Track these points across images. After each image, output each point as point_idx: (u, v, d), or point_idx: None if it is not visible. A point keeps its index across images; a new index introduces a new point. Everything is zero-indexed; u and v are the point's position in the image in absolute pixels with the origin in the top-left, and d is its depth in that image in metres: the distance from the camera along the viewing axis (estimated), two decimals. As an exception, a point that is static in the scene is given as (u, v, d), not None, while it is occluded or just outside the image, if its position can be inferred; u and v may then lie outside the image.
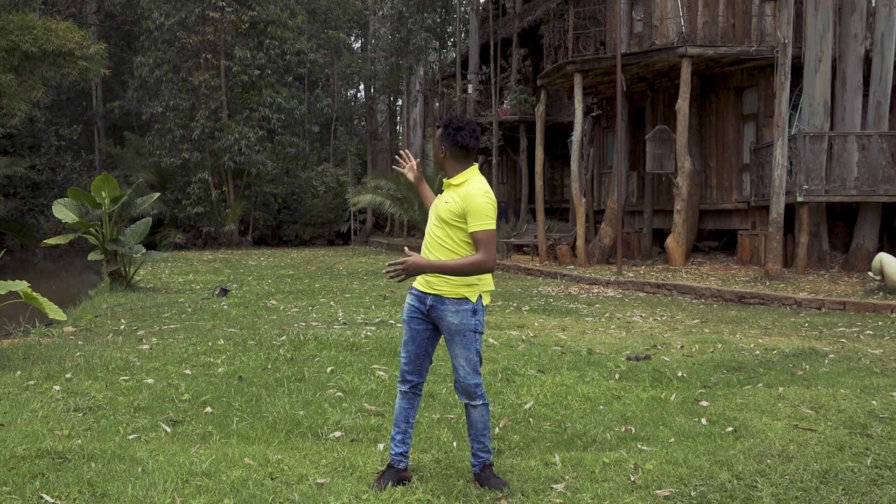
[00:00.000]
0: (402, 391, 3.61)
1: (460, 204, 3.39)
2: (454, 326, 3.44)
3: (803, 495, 3.43)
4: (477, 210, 3.36)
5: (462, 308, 3.43)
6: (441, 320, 3.48)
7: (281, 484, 3.55)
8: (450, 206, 3.42)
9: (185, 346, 7.05)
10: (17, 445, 4.00)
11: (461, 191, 3.43)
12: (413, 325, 3.55)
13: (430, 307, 3.49)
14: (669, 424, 4.59)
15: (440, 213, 3.45)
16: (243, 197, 27.97)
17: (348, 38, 38.63)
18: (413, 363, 3.57)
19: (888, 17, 13.32)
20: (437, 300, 3.46)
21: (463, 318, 3.44)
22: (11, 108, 21.90)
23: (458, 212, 3.39)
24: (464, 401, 3.56)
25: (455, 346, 3.47)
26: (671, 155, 15.38)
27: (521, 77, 24.46)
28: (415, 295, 3.55)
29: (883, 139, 12.95)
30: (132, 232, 12.48)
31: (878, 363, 6.34)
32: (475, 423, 3.56)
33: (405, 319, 3.58)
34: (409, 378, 3.59)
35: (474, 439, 3.59)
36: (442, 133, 3.49)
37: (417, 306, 3.54)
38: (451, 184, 3.49)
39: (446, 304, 3.44)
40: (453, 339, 3.46)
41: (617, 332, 8.26)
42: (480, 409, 3.53)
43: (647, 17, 17.06)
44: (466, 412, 3.59)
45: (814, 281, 12.06)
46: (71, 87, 32.62)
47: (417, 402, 3.63)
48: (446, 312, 3.44)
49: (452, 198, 3.43)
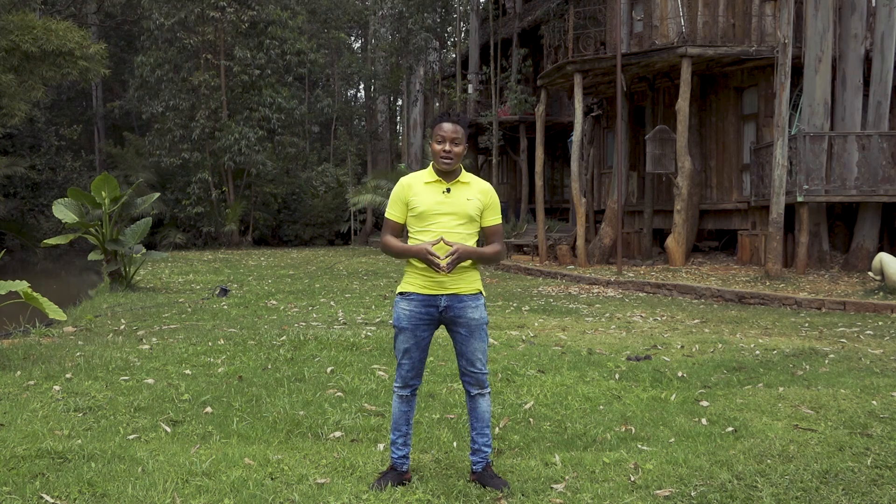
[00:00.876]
0: (402, 396, 3.60)
1: (483, 200, 3.52)
2: (475, 321, 3.50)
3: (803, 495, 3.43)
4: (496, 204, 3.58)
5: (480, 303, 3.53)
6: (460, 318, 3.48)
7: (281, 484, 3.55)
8: (473, 203, 3.49)
9: (185, 346, 7.05)
10: (17, 445, 4.00)
11: (479, 187, 3.55)
12: (419, 333, 3.50)
13: (444, 308, 3.47)
14: (669, 424, 4.59)
15: (468, 210, 3.47)
16: (243, 197, 27.97)
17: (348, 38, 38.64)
18: (416, 369, 3.57)
19: (888, 17, 13.32)
20: (454, 299, 3.47)
21: (482, 312, 3.53)
22: (11, 108, 21.90)
23: (482, 207, 3.52)
24: (475, 392, 3.56)
25: (474, 340, 3.51)
26: (671, 155, 15.38)
27: (521, 77, 24.47)
28: (418, 300, 3.48)
29: (883, 139, 12.95)
30: (132, 232, 12.48)
31: (879, 363, 6.33)
32: (483, 413, 3.57)
33: (406, 327, 3.50)
34: (411, 383, 3.59)
35: (480, 432, 3.58)
36: (466, 127, 3.51)
37: (426, 311, 3.48)
38: (461, 181, 3.51)
39: (465, 301, 3.48)
40: (472, 333, 3.50)
41: (617, 332, 8.26)
42: (488, 397, 3.60)
43: (647, 17, 17.06)
44: (474, 404, 3.58)
45: (814, 281, 12.06)
46: (71, 87, 32.63)
47: (415, 402, 3.65)
48: (466, 309, 3.48)
49: (475, 195, 3.50)
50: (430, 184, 3.50)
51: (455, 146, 3.45)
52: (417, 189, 3.50)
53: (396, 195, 3.55)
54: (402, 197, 3.53)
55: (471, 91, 26.01)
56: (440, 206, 3.46)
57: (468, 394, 3.59)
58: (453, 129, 3.45)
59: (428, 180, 3.51)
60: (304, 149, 33.02)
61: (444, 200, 3.47)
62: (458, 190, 3.49)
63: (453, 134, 3.45)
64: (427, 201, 3.46)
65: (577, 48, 18.96)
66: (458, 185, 3.50)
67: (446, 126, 3.46)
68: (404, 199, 3.52)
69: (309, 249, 27.31)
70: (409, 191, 3.51)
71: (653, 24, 16.79)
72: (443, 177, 3.51)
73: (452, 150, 3.45)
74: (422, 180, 3.52)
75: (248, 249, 26.89)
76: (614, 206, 16.43)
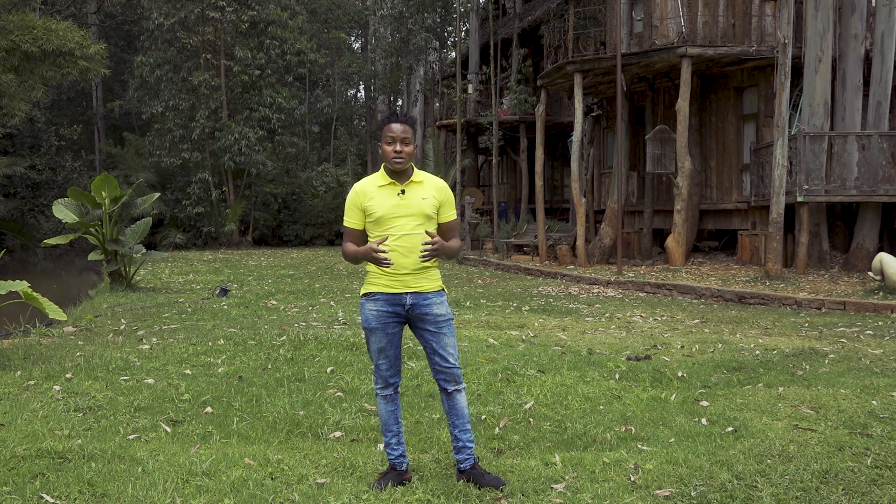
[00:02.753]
0: (385, 395, 3.63)
1: (438, 197, 3.57)
2: (442, 317, 3.54)
3: (803, 495, 3.43)
4: (451, 200, 3.65)
5: (443, 299, 3.59)
6: (426, 315, 3.52)
7: (281, 484, 3.55)
8: (429, 202, 3.52)
9: (185, 346, 7.05)
10: (18, 445, 4.00)
11: (433, 184, 3.58)
12: (389, 330, 3.54)
13: (410, 306, 3.51)
14: (669, 424, 4.59)
15: (424, 209, 3.49)
16: (243, 197, 27.97)
17: (348, 38, 38.66)
18: (394, 366, 3.61)
19: (888, 17, 13.32)
20: (419, 297, 3.51)
21: (446, 308, 3.58)
22: (11, 108, 21.90)
23: (438, 204, 3.57)
24: (451, 388, 3.58)
25: (443, 336, 3.54)
26: (671, 155, 15.38)
27: (521, 77, 24.47)
28: (383, 299, 3.52)
29: (883, 139, 12.95)
30: (132, 232, 12.48)
31: (879, 363, 6.33)
32: (461, 409, 3.59)
33: (376, 327, 3.53)
34: (392, 381, 3.62)
35: (462, 429, 3.59)
36: (415, 127, 3.58)
37: (392, 310, 3.52)
38: (414, 181, 3.54)
39: (430, 298, 3.53)
40: (441, 329, 3.54)
41: (617, 332, 8.26)
42: (464, 392, 3.63)
43: (647, 17, 17.06)
44: (451, 401, 3.59)
45: (814, 281, 12.06)
46: (71, 87, 32.63)
47: (399, 400, 3.69)
48: (432, 306, 3.53)
49: (430, 193, 3.53)
50: (383, 187, 3.52)
51: (405, 146, 3.47)
52: (372, 194, 3.51)
53: (351, 202, 3.57)
54: (358, 203, 3.55)
55: (471, 91, 26.01)
56: (397, 208, 3.48)
57: (444, 391, 3.61)
58: (403, 130, 3.48)
59: (381, 183, 3.52)
60: (304, 149, 33.02)
61: (400, 203, 3.49)
62: (412, 190, 3.51)
63: (403, 134, 3.47)
64: (383, 205, 3.48)
65: (577, 48, 18.97)
66: (412, 185, 3.53)
67: (395, 126, 3.48)
68: (360, 206, 3.54)
69: (309, 249, 27.31)
70: (364, 197, 3.53)
71: (653, 24, 16.79)
72: (396, 178, 3.52)
73: (403, 150, 3.46)
74: (375, 184, 3.54)
75: (248, 249, 26.89)
76: (614, 206, 16.43)
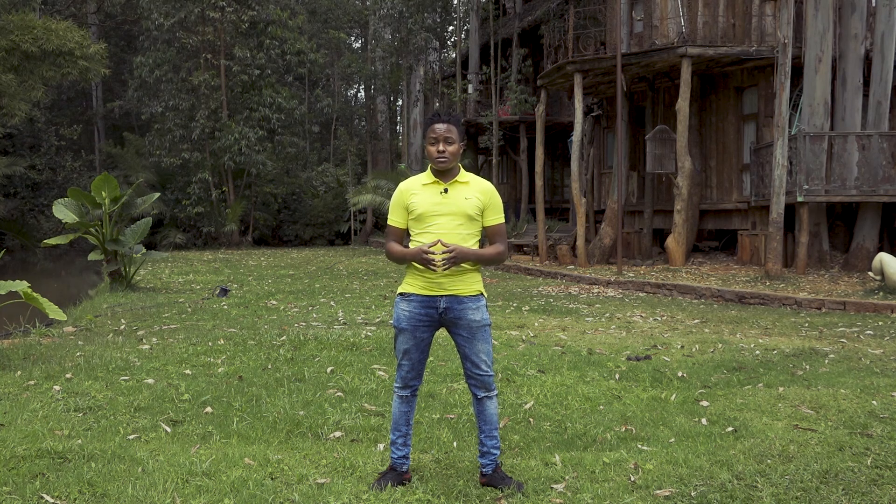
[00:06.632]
0: (402, 396, 3.60)
1: (482, 199, 3.50)
2: (476, 323, 3.47)
3: (803, 495, 3.42)
4: (497, 204, 3.57)
5: (480, 304, 3.50)
6: (460, 319, 3.46)
7: (281, 484, 3.55)
8: (472, 203, 3.47)
9: (185, 346, 7.05)
10: (18, 445, 4.00)
11: (478, 186, 3.53)
12: (418, 334, 3.49)
13: (444, 309, 3.45)
14: (669, 424, 4.59)
15: (466, 209, 3.46)
16: (243, 197, 27.97)
17: (348, 38, 38.64)
18: (416, 369, 3.56)
19: (888, 17, 13.32)
20: (454, 301, 3.46)
21: (483, 314, 3.50)
22: (11, 108, 21.90)
23: (482, 207, 3.51)
24: (482, 395, 3.54)
25: (477, 342, 3.48)
26: (671, 155, 15.38)
27: (522, 77, 24.47)
28: (418, 301, 3.47)
29: (883, 139, 12.95)
30: (132, 232, 12.47)
31: (879, 363, 6.33)
32: (490, 416, 3.55)
33: (406, 328, 3.49)
34: (411, 384, 3.58)
35: (488, 435, 3.55)
36: (459, 125, 3.52)
37: (425, 312, 3.47)
38: (459, 181, 3.50)
39: (465, 303, 3.46)
40: (474, 335, 3.48)
41: (617, 332, 8.26)
42: (495, 399, 3.58)
43: (647, 17, 17.06)
44: (482, 407, 3.55)
45: (814, 281, 12.06)
46: (71, 87, 32.63)
47: (415, 402, 3.65)
48: (467, 311, 3.46)
49: (473, 194, 3.49)
50: (427, 185, 3.50)
51: (449, 145, 3.45)
52: (415, 191, 3.51)
53: (396, 201, 3.56)
54: (401, 202, 3.54)
55: (471, 91, 26.01)
56: (438, 206, 3.46)
57: (475, 397, 3.57)
58: (446, 129, 3.45)
59: (426, 182, 3.51)
60: (304, 149, 33.01)
61: (442, 201, 3.46)
62: (455, 190, 3.48)
63: (446, 133, 3.45)
64: (425, 203, 3.46)
65: (577, 48, 18.97)
66: (456, 184, 3.50)
67: (438, 126, 3.46)
68: (403, 204, 3.53)
69: (309, 249, 27.30)
70: (408, 194, 3.52)
71: (653, 24, 16.79)
72: (440, 177, 3.50)
73: (447, 150, 3.44)
74: (420, 182, 3.53)
75: (248, 249, 26.89)
76: (614, 206, 16.43)
